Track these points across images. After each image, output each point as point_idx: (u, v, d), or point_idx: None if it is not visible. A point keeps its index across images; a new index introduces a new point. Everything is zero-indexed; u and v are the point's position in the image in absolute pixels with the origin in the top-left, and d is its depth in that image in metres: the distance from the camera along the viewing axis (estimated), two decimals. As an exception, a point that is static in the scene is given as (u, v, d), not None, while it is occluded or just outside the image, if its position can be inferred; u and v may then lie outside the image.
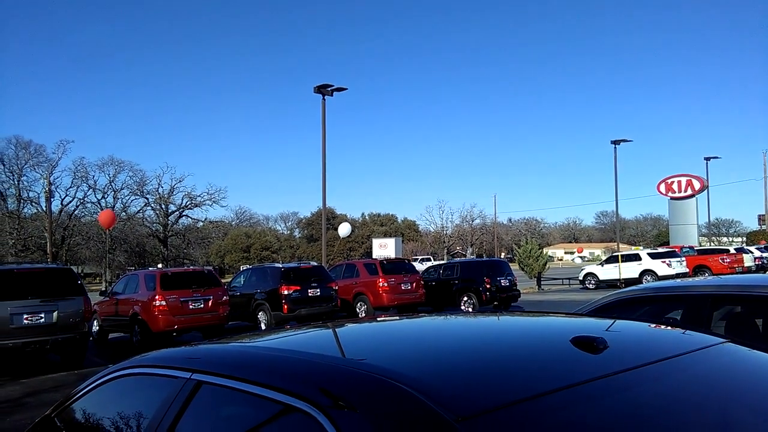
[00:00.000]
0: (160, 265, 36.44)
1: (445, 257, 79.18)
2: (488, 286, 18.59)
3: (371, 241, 49.24)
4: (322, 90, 25.03)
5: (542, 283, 31.40)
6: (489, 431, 1.14)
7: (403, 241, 46.98)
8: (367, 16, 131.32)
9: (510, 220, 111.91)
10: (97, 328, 15.51)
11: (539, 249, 32.19)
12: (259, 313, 16.09)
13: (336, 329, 2.38)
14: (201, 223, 73.63)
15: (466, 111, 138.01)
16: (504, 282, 19.16)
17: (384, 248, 33.88)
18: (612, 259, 29.95)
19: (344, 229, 24.23)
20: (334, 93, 25.36)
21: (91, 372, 10.92)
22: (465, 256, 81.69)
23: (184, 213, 70.86)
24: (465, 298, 18.93)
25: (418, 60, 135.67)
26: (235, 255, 75.27)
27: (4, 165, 56.76)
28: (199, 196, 69.49)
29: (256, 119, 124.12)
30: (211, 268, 17.23)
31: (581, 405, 1.26)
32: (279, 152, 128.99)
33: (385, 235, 68.15)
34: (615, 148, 35.26)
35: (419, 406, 1.21)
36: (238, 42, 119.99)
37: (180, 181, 68.79)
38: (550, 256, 41.45)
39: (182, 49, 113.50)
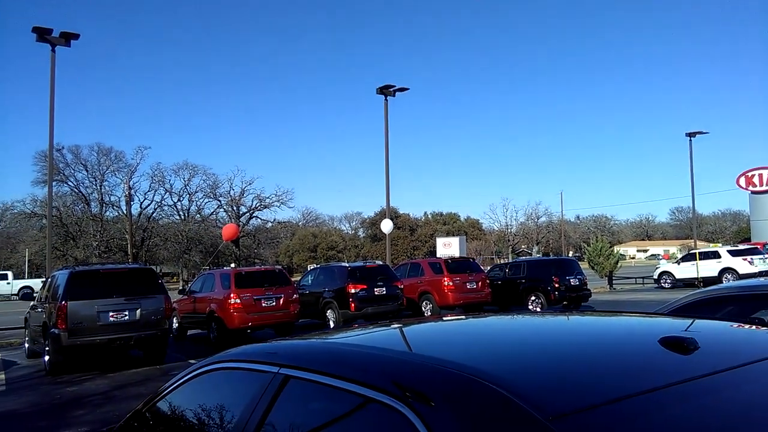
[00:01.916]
0: (233, 265, 37.88)
1: (510, 256, 77.85)
2: (557, 285, 18.18)
3: (434, 240, 49.04)
4: (385, 91, 25.16)
5: (614, 282, 30.37)
6: (581, 431, 1.13)
7: (466, 239, 46.50)
8: (426, 11, 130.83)
9: (578, 217, 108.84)
10: (177, 325, 16.24)
11: (610, 247, 31.14)
12: (328, 311, 16.41)
13: (413, 327, 2.40)
14: (270, 224, 75.67)
15: (531, 106, 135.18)
16: (573, 281, 18.68)
17: (448, 247, 33.69)
18: (689, 257, 28.57)
19: (387, 226, 24.42)
20: (396, 93, 25.48)
21: (172, 367, 11.53)
22: (530, 254, 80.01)
23: (254, 214, 73.10)
24: (532, 298, 18.60)
25: (480, 56, 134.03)
26: (303, 254, 76.98)
27: (87, 171, 60.43)
28: (267, 197, 71.55)
29: (320, 121, 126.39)
30: (280, 267, 17.71)
31: (675, 407, 1.24)
32: (343, 153, 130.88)
33: (448, 234, 67.72)
34: (690, 140, 33.65)
35: (509, 404, 1.21)
36: (302, 43, 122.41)
37: (250, 184, 71.16)
38: (621, 254, 40.00)
39: (245, 54, 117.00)
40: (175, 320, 16.05)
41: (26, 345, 13.99)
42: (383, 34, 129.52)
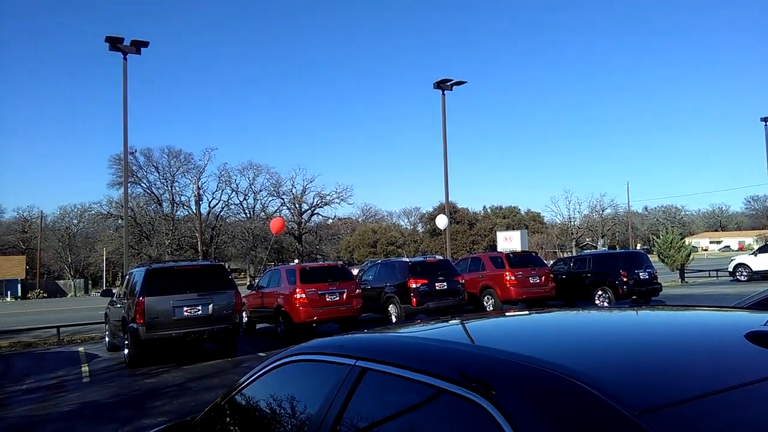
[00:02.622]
0: (296, 261, 38.74)
1: (573, 250, 75.86)
2: (625, 279, 17.61)
3: (494, 234, 48.43)
4: (442, 85, 25.05)
5: (686, 275, 29.09)
6: (668, 427, 1.10)
7: (527, 233, 45.67)
8: (480, 6, 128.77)
9: (646, 208, 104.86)
10: (246, 319, 16.78)
11: (681, 239, 29.84)
12: (389, 306, 16.53)
13: (485, 322, 2.40)
14: (331, 221, 77.04)
15: (594, 93, 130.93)
16: (643, 275, 18.04)
17: (509, 241, 33.17)
18: (766, 248, 27.00)
19: (442, 222, 24.31)
20: (454, 87, 25.32)
21: (243, 360, 11.95)
22: (595, 248, 77.63)
23: (315, 211, 74.61)
24: (599, 292, 18.08)
25: (539, 44, 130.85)
26: (363, 250, 77.67)
27: (159, 173, 63.38)
28: (328, 194, 72.85)
29: (378, 117, 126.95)
30: (342, 262, 17.98)
31: (766, 403, 1.21)
32: (401, 149, 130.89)
33: (508, 227, 66.70)
34: (766, 125, 31.77)
35: (593, 400, 1.19)
36: (359, 40, 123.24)
37: (311, 182, 72.73)
38: (693, 246, 38.23)
39: (303, 54, 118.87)
40: (244, 314, 16.57)
41: (107, 339, 14.82)
42: (438, 26, 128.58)
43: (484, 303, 18.27)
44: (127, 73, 18.32)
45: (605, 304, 17.17)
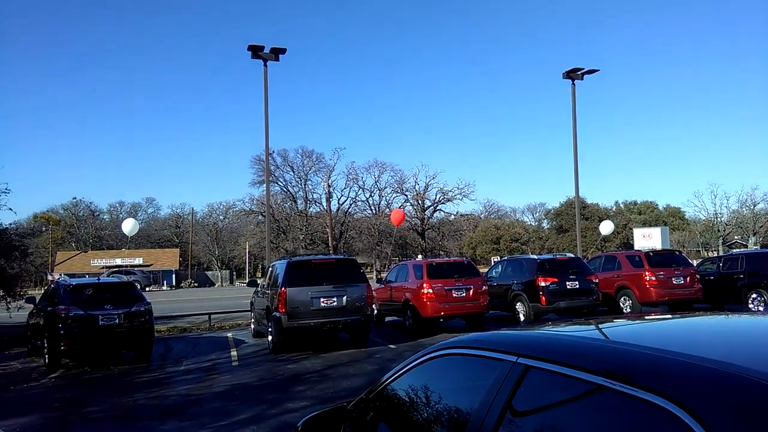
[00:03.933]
0: (419, 257, 39.43)
1: (720, 248, 69.24)
2: (786, 281, 15.86)
3: (629, 231, 45.60)
4: (572, 75, 24.07)
5: None
6: None
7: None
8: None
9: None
10: (376, 311, 17.38)
11: None
12: (517, 304, 16.27)
13: (646, 323, 2.30)
14: (453, 217, 77.07)
15: (736, 74, 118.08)
16: (809, 277, 16.12)
17: (648, 239, 31.12)
18: None
19: (607, 227, 23.02)
20: (585, 76, 24.23)
21: (374, 351, 12.43)
22: (745, 246, 70.27)
23: (438, 207, 75.12)
24: (753, 296, 16.42)
25: (675, 29, 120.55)
26: (486, 246, 76.79)
27: (294, 172, 67.67)
28: (450, 191, 73.07)
29: (500, 110, 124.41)
30: (468, 258, 17.99)
31: None
32: (524, 142, 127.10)
33: (644, 224, 62.52)
34: None
35: None
36: (483, 30, 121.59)
37: (433, 178, 73.42)
38: None
39: (426, 53, 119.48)
40: (374, 307, 17.15)
41: (252, 326, 16.07)
42: (567, 13, 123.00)
43: (621, 304, 17.35)
44: (267, 78, 19.70)
45: (760, 309, 15.60)
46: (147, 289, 49.68)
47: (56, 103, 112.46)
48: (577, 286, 15.65)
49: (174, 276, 68.05)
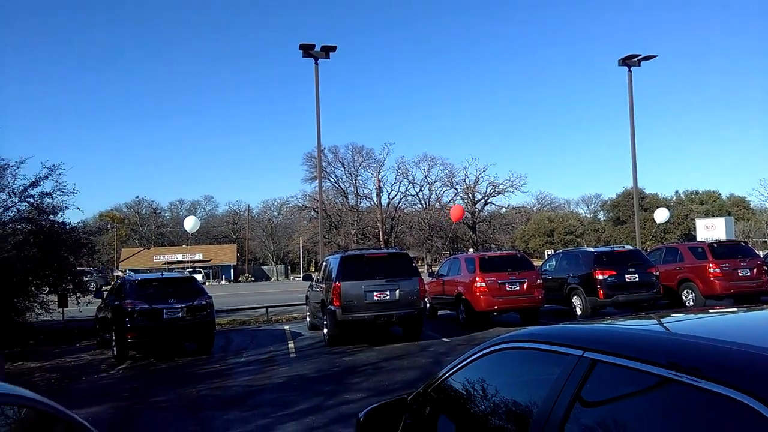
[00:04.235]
0: (471, 250, 39.24)
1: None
2: None
3: (690, 222, 43.84)
4: (628, 61, 23.34)
5: None
6: None
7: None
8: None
9: None
10: (428, 305, 17.40)
11: None
12: (573, 298, 15.96)
13: (721, 316, 2.22)
14: (504, 210, 76.14)
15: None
16: None
17: (711, 229, 29.84)
18: None
19: (662, 215, 22.22)
20: (642, 63, 23.43)
21: (428, 344, 12.48)
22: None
23: (488, 200, 74.35)
24: (830, 289, 15.57)
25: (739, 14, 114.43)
26: (539, 239, 75.50)
27: (344, 168, 68.53)
28: (501, 183, 72.28)
29: (552, 101, 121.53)
30: (521, 252, 17.76)
31: None
32: (577, 132, 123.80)
33: (706, 214, 59.93)
34: None
35: None
36: (532, 22, 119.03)
37: (484, 171, 72.75)
38: None
39: (475, 45, 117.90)
40: (426, 301, 17.18)
41: (308, 319, 16.40)
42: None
43: (683, 297, 16.75)
44: (319, 76, 19.98)
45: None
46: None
47: (117, 105, 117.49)
48: (637, 279, 15.20)
49: (232, 271, 70.12)
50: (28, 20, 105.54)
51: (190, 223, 34.15)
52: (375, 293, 12.49)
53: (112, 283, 21.44)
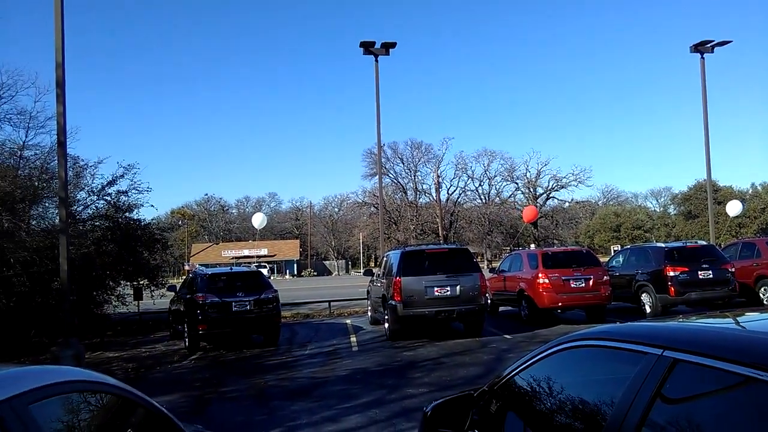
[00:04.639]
0: (532, 246, 38.44)
1: None
2: None
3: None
4: (700, 48, 22.25)
5: None
6: None
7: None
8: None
9: None
10: (489, 301, 17.22)
11: None
12: (642, 295, 15.40)
13: None
14: (567, 204, 74.12)
15: None
16: None
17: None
18: None
19: (735, 208, 21.00)
20: (715, 48, 22.26)
21: (489, 341, 12.38)
22: None
23: (551, 195, 72.59)
24: None
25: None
26: (605, 234, 73.17)
27: (403, 163, 68.72)
28: (564, 177, 70.43)
29: (618, 90, 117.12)
30: (587, 248, 17.29)
31: None
32: (645, 123, 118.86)
33: (788, 207, 56.23)
34: None
35: None
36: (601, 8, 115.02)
37: (546, 165, 71.17)
38: None
39: (534, 30, 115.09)
40: (487, 297, 17.02)
41: (369, 313, 16.60)
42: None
43: (761, 295, 15.87)
44: (379, 73, 20.10)
45: None
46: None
47: (189, 107, 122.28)
48: (711, 275, 14.52)
49: (295, 265, 71.74)
50: (101, 24, 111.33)
51: (258, 220, 35.27)
52: (436, 289, 12.49)
53: (184, 277, 22.37)
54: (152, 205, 28.71)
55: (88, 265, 14.41)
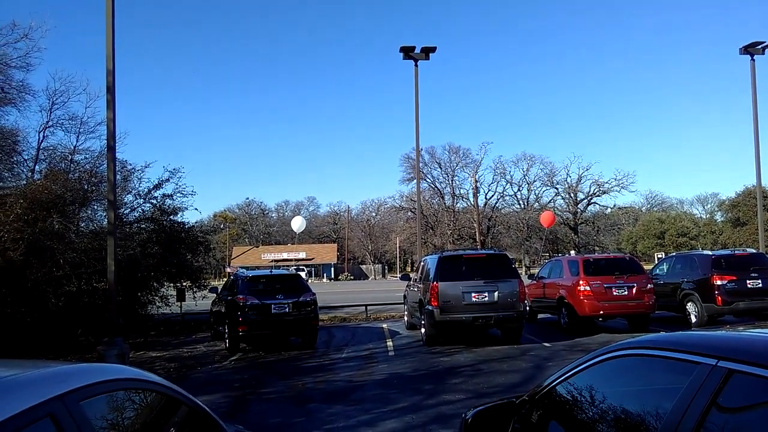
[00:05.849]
0: (572, 252, 37.85)
1: None
2: None
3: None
4: (750, 49, 21.56)
5: None
6: None
7: None
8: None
9: None
10: (528, 308, 16.97)
11: None
12: (688, 304, 14.95)
13: None
14: (609, 210, 72.62)
15: None
16: None
17: None
18: None
19: None
20: (766, 50, 21.53)
21: (528, 348, 12.20)
22: None
23: (592, 200, 71.19)
24: None
25: None
26: (648, 241, 71.30)
27: (441, 168, 68.58)
28: (606, 182, 68.98)
29: (663, 95, 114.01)
30: (630, 255, 16.86)
31: None
32: (691, 127, 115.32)
33: None
34: None
35: None
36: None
37: (587, 170, 70.30)
38: None
39: (574, 32, 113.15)
40: (526, 303, 16.77)
41: (405, 318, 16.58)
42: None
43: (815, 306, 15.17)
44: (418, 78, 20.11)
45: None
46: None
47: (231, 113, 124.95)
48: (760, 285, 13.99)
49: (332, 269, 72.26)
50: (146, 30, 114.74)
51: (297, 223, 35.75)
52: (473, 294, 12.39)
53: (225, 279, 22.78)
54: (196, 209, 29.49)
55: (134, 267, 14.81)
